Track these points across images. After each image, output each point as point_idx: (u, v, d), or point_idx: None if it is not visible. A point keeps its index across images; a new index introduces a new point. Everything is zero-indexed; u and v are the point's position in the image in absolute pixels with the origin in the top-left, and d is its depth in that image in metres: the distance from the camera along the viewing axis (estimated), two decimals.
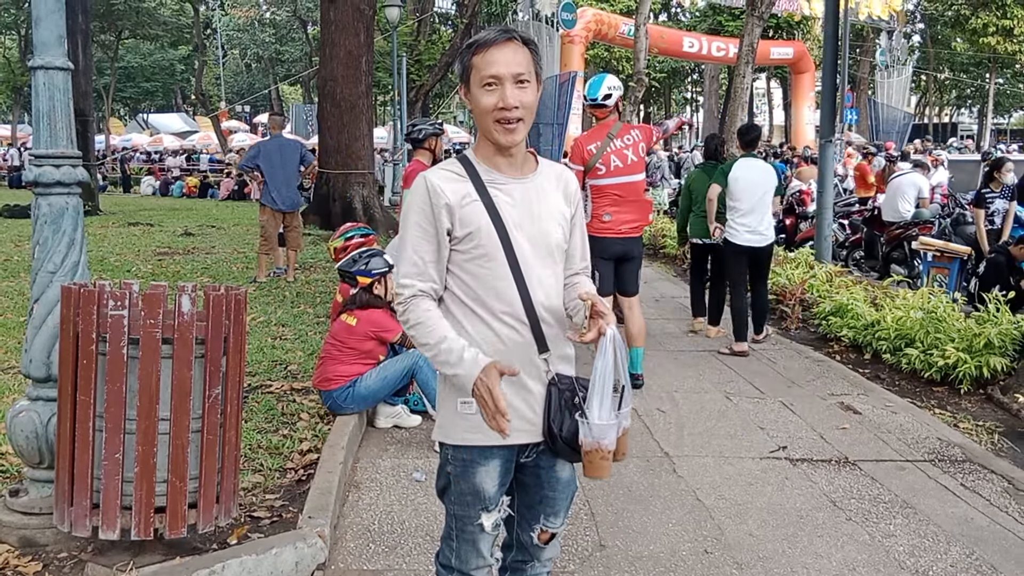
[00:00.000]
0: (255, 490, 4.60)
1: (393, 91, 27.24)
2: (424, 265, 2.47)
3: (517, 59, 2.43)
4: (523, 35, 2.49)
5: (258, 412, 5.75)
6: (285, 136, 12.49)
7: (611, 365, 2.39)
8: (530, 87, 2.46)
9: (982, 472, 5.26)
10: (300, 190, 12.68)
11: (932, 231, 11.90)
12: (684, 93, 65.66)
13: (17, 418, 3.81)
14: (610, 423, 2.40)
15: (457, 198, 2.45)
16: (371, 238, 6.54)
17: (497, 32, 2.47)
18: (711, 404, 6.58)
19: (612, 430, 2.41)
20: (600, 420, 2.39)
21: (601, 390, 2.40)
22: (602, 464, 2.44)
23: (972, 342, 7.04)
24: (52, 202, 3.81)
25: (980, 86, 50.38)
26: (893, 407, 6.52)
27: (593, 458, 2.43)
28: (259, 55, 59.26)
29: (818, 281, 9.89)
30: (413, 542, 4.20)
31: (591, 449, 2.42)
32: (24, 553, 3.77)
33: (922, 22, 49.91)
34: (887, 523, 4.53)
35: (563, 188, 2.64)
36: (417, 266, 2.46)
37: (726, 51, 33.91)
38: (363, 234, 6.59)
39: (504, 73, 2.41)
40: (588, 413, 2.41)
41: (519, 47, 2.45)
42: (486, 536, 2.60)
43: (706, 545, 4.24)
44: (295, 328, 8.40)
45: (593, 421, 2.39)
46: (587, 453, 2.43)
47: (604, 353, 2.39)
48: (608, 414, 2.40)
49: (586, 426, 2.41)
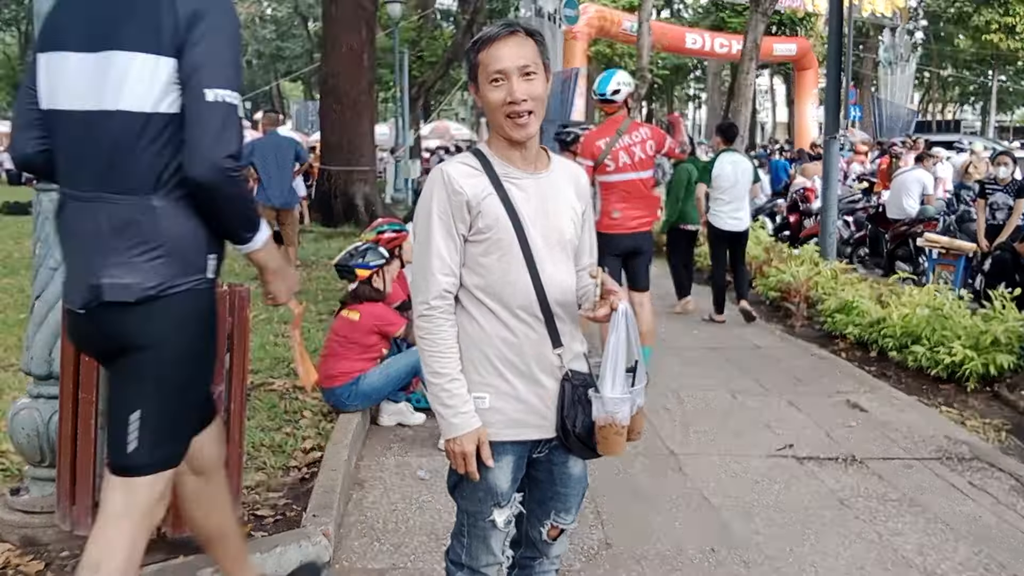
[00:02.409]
0: (258, 488, 4.57)
1: (395, 88, 27.20)
2: (450, 262, 2.44)
3: (522, 52, 2.41)
4: (527, 27, 2.47)
5: (261, 410, 5.72)
6: (280, 133, 12.48)
7: (624, 340, 2.40)
8: (538, 78, 2.43)
9: (990, 470, 5.22)
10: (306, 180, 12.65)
11: (937, 228, 11.86)
12: (687, 90, 65.58)
13: (18, 416, 3.77)
14: (623, 397, 2.41)
15: (475, 192, 2.43)
16: (403, 234, 6.50)
17: (500, 26, 2.45)
18: (717, 402, 6.54)
19: (625, 404, 2.41)
20: (613, 394, 2.38)
21: (614, 365, 2.40)
22: (616, 440, 2.44)
23: (979, 339, 7.00)
24: (54, 198, 3.77)
25: (983, 83, 50.31)
26: (900, 405, 6.49)
27: (607, 433, 2.43)
28: (260, 51, 59.15)
29: (823, 278, 9.85)
30: (418, 540, 4.17)
31: (605, 424, 2.42)
32: (26, 552, 3.74)
33: (925, 19, 49.83)
34: (895, 521, 4.50)
35: (575, 184, 2.63)
36: (444, 260, 2.43)
37: (729, 48, 33.85)
38: (396, 229, 6.57)
39: (509, 67, 2.39)
40: (601, 388, 2.40)
41: (524, 39, 2.43)
42: (498, 532, 2.59)
43: (713, 544, 4.21)
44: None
45: (606, 395, 2.39)
46: (601, 428, 2.43)
47: (616, 328, 2.39)
48: (621, 388, 2.39)
49: (599, 401, 2.41)
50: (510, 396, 2.47)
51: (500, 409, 2.47)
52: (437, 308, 2.43)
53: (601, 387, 2.41)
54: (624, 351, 2.41)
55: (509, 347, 2.46)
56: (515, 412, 2.48)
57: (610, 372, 2.40)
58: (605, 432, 2.43)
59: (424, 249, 2.46)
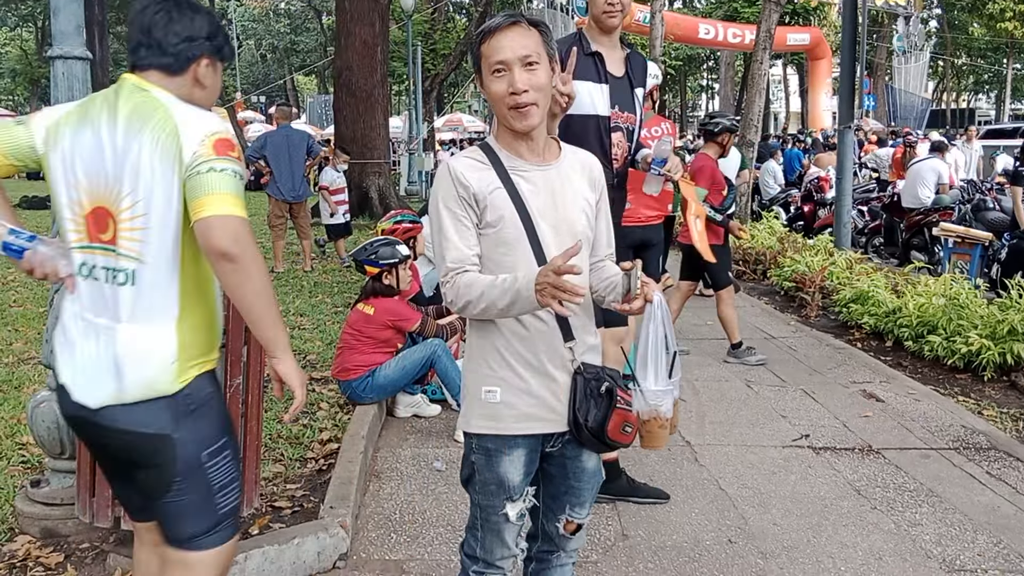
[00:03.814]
0: (276, 480, 4.59)
1: (408, 80, 27.22)
2: (463, 246, 2.40)
3: (524, 42, 2.39)
4: (530, 17, 2.45)
5: (278, 402, 5.74)
6: (293, 127, 12.49)
7: (661, 331, 2.38)
8: (541, 68, 2.41)
9: (1008, 460, 5.20)
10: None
11: (953, 217, 11.80)
12: (700, 80, 65.37)
13: (38, 408, 3.80)
14: (666, 389, 2.39)
15: (482, 186, 2.42)
16: (418, 225, 6.56)
17: (503, 17, 2.44)
18: (732, 393, 6.53)
19: (668, 397, 2.40)
20: (656, 386, 2.37)
21: (655, 357, 2.38)
22: (660, 433, 2.42)
23: (995, 328, 6.96)
24: None
25: (998, 71, 49.97)
26: (916, 394, 6.47)
27: (652, 427, 2.41)
28: (274, 45, 59.26)
29: (838, 268, 9.81)
30: (434, 532, 4.19)
31: (649, 418, 2.40)
32: (46, 544, 3.78)
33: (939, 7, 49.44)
34: (912, 512, 4.48)
35: (588, 174, 2.60)
36: (459, 250, 2.40)
37: (742, 38, 33.69)
38: (412, 220, 6.63)
39: (511, 58, 2.38)
40: (641, 381, 2.38)
41: (526, 30, 2.41)
42: (511, 526, 2.58)
43: (730, 535, 4.21)
44: (313, 318, 8.40)
45: (648, 388, 2.37)
46: (645, 423, 2.41)
47: (653, 319, 2.38)
48: (664, 380, 2.38)
49: (640, 395, 2.38)
50: (521, 390, 2.46)
51: (511, 403, 2.47)
52: (453, 271, 2.38)
53: (642, 380, 2.39)
54: (663, 343, 2.40)
55: (520, 340, 2.45)
56: (526, 406, 2.47)
57: (651, 365, 2.38)
58: (649, 426, 2.41)
59: (438, 239, 2.45)
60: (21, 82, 50.07)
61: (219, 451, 2.52)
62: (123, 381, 2.37)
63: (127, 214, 2.36)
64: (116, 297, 2.38)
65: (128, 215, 2.36)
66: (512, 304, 2.30)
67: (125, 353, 2.37)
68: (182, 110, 2.40)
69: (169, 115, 2.37)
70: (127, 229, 2.37)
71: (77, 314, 2.45)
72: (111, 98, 2.44)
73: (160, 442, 2.41)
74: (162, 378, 2.39)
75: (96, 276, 2.42)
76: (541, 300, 2.19)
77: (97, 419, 2.42)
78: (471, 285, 2.34)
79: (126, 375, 2.36)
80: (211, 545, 2.53)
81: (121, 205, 2.36)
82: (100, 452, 2.65)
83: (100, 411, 2.40)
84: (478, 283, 2.34)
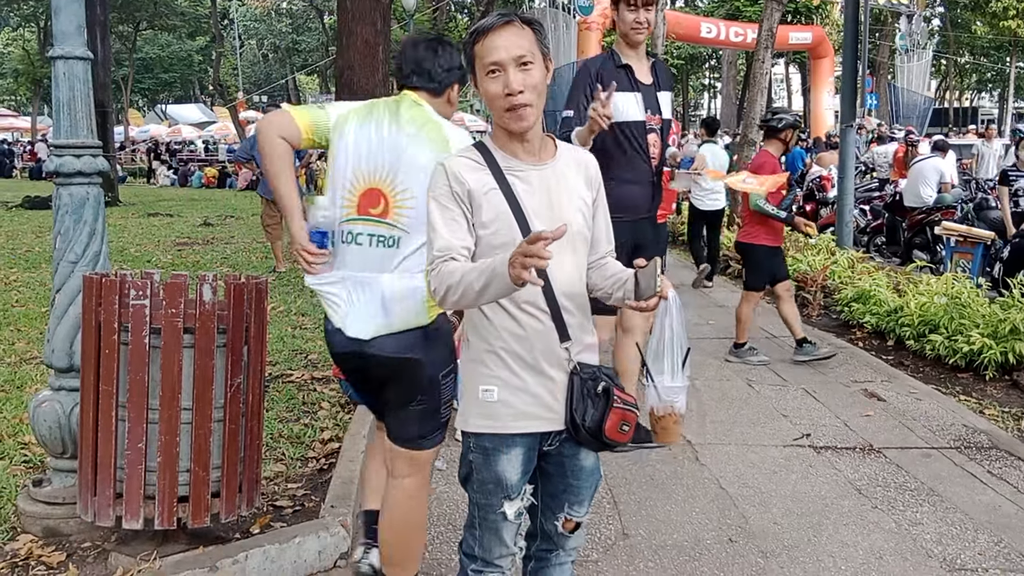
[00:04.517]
0: (277, 479, 4.59)
1: None
2: (450, 237, 2.37)
3: (518, 42, 2.38)
4: (524, 16, 2.43)
5: (279, 401, 5.75)
6: None
7: (676, 328, 2.38)
8: (535, 68, 2.40)
9: (1009, 459, 5.21)
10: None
11: (955, 216, 11.79)
12: (702, 79, 65.32)
13: (40, 408, 3.81)
14: (681, 385, 2.39)
15: (478, 186, 2.41)
16: None
17: (495, 17, 2.42)
18: (733, 392, 6.54)
19: (683, 393, 2.42)
20: (672, 383, 2.38)
21: (671, 353, 2.39)
22: (675, 429, 2.45)
23: (997, 328, 6.96)
24: (73, 192, 3.80)
25: (1000, 70, 49.88)
26: (917, 394, 6.47)
27: (667, 423, 2.43)
28: (276, 45, 59.28)
29: (840, 267, 9.81)
30: (435, 531, 4.19)
31: (664, 414, 2.42)
32: (48, 543, 3.78)
33: (942, 5, 49.36)
34: (913, 511, 4.49)
35: (584, 173, 2.58)
36: (446, 239, 2.36)
37: (744, 36, 33.61)
38: None
39: (505, 58, 2.37)
40: (657, 378, 2.39)
41: (519, 29, 2.40)
42: (509, 524, 2.57)
43: (730, 534, 4.22)
44: (315, 317, 8.39)
45: (664, 384, 2.39)
46: (660, 419, 2.44)
47: (668, 314, 2.39)
48: (679, 377, 2.39)
49: (655, 391, 2.39)
50: (518, 389, 2.46)
51: (508, 402, 2.46)
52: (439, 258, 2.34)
53: (657, 377, 2.38)
54: (678, 339, 2.39)
55: (516, 340, 2.44)
56: (523, 405, 2.46)
57: (668, 360, 2.38)
58: (664, 422, 2.42)
59: (428, 232, 2.44)
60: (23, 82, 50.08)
61: (449, 373, 3.19)
62: (390, 316, 3.05)
63: (400, 196, 3.06)
64: (382, 256, 3.07)
65: (401, 197, 3.06)
66: (487, 285, 2.22)
67: (391, 296, 3.04)
68: (447, 125, 3.17)
69: (439, 128, 3.13)
70: (398, 206, 3.07)
71: (340, 277, 3.12)
72: (392, 107, 3.17)
73: (414, 364, 3.09)
74: (419, 312, 3.06)
75: (359, 242, 3.11)
76: (512, 273, 2.12)
77: (367, 348, 3.07)
78: (453, 272, 2.30)
79: (393, 311, 3.04)
80: (431, 445, 3.25)
81: (396, 188, 3.07)
82: (361, 376, 3.31)
83: (372, 341, 3.06)
84: (459, 269, 2.30)
